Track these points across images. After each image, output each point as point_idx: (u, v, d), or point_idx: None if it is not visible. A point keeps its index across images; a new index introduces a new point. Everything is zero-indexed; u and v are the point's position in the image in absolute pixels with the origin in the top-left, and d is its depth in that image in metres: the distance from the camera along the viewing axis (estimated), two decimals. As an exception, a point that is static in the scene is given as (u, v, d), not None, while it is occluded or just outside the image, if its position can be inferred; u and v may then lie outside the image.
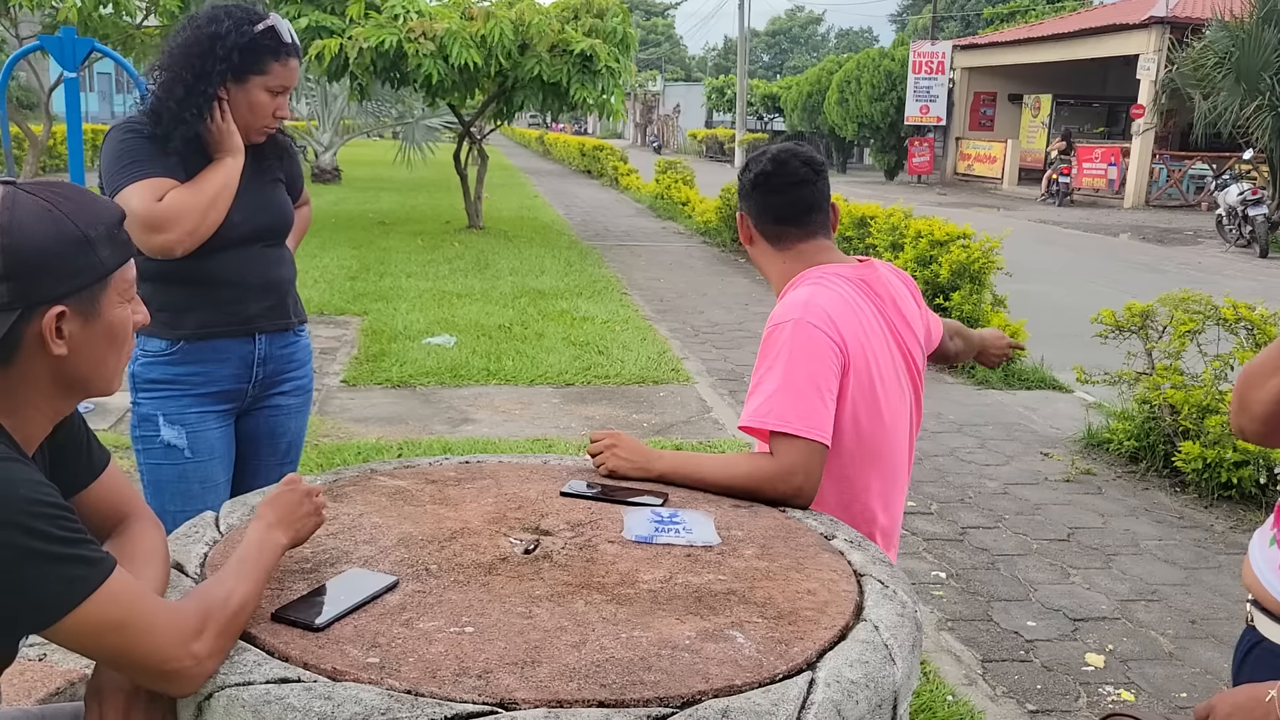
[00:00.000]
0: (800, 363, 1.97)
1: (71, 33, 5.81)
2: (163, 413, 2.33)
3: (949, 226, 7.47)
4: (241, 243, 2.32)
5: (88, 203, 1.33)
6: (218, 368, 2.36)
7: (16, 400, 1.31)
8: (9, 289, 1.24)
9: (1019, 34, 28.62)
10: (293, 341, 2.51)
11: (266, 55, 2.23)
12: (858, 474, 2.11)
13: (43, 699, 2.08)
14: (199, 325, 2.32)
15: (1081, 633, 3.46)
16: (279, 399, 2.51)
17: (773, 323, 2.05)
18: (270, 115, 2.30)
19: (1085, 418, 5.81)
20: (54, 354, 1.29)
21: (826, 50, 77.43)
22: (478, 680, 1.29)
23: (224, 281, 2.32)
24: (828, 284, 2.10)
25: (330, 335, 7.53)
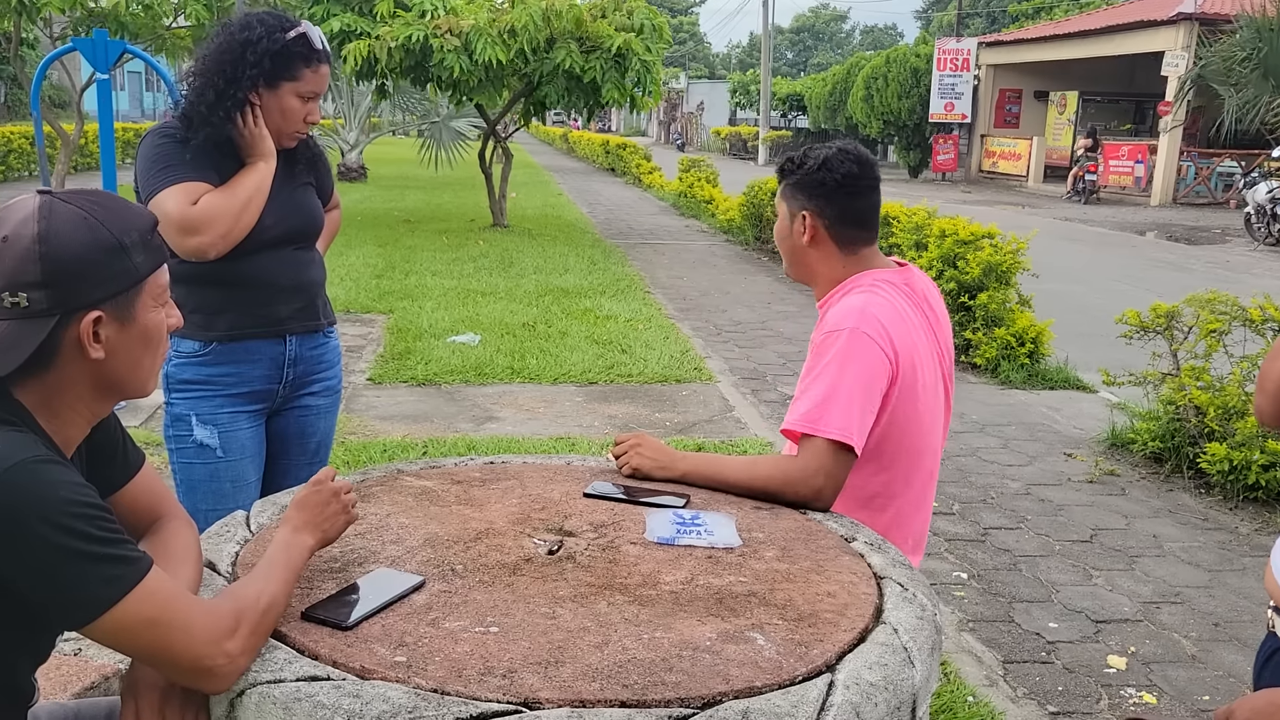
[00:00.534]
0: (849, 371, 2.00)
1: (103, 35, 5.89)
2: (195, 413, 2.37)
3: (974, 226, 7.44)
4: (273, 245, 2.36)
5: (122, 210, 1.37)
6: (249, 368, 2.40)
7: (56, 403, 1.35)
8: (47, 295, 1.28)
9: (1045, 31, 28.41)
10: (322, 343, 2.55)
11: (298, 61, 2.28)
12: (897, 478, 2.15)
13: (78, 693, 2.12)
14: (231, 327, 2.36)
15: (1104, 634, 3.45)
16: (308, 399, 2.55)
17: (827, 329, 2.06)
18: (301, 120, 2.34)
19: (1109, 418, 5.78)
20: (92, 358, 1.33)
21: (851, 47, 77.15)
22: (502, 680, 1.31)
23: (255, 284, 2.36)
24: (881, 292, 2.12)
25: (356, 333, 7.59)
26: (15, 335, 1.28)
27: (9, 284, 1.27)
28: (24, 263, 1.27)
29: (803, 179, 2.18)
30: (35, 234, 1.27)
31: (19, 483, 1.21)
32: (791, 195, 2.20)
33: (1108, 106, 27.62)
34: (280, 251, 2.39)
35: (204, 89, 2.24)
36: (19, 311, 1.28)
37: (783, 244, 2.26)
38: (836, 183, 2.15)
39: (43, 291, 1.28)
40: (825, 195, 2.16)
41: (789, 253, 2.26)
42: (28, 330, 1.28)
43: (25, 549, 1.20)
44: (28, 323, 1.28)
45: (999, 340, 6.91)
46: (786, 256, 2.28)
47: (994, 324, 7.04)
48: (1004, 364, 6.89)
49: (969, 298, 7.11)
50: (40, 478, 1.22)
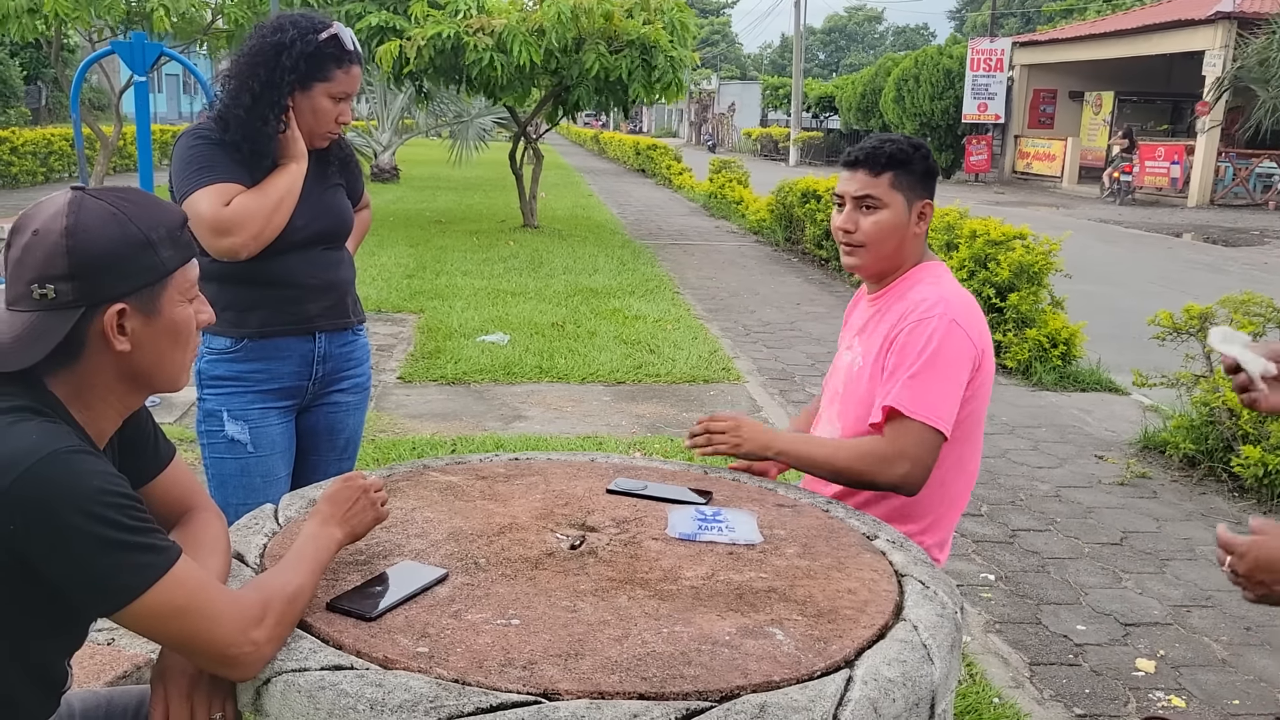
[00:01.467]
0: (942, 359, 2.04)
1: (141, 38, 5.97)
2: (227, 408, 2.41)
3: (1005, 226, 7.39)
4: (303, 245, 2.39)
5: (151, 206, 1.40)
6: (279, 365, 2.44)
7: (87, 395, 1.38)
8: (73, 288, 1.31)
9: (1080, 30, 28.13)
10: (351, 340, 2.58)
11: (330, 63, 2.30)
12: (961, 466, 2.19)
13: (111, 681, 2.16)
14: (262, 324, 2.39)
15: (1132, 638, 3.42)
16: (337, 396, 2.58)
17: (918, 317, 2.08)
18: (333, 121, 2.37)
19: (1142, 420, 5.73)
20: (117, 350, 1.36)
21: (883, 48, 76.73)
22: (522, 671, 1.33)
23: (286, 282, 2.39)
24: (955, 283, 2.19)
25: (387, 332, 7.65)
26: (43, 326, 1.32)
27: (38, 276, 1.31)
28: (52, 255, 1.31)
29: (924, 169, 2.18)
30: (64, 228, 1.31)
31: (52, 472, 1.24)
32: (910, 185, 2.16)
33: (1144, 106, 27.30)
34: (310, 251, 2.42)
35: (239, 92, 2.28)
36: (47, 303, 1.31)
37: (888, 236, 2.16)
38: (938, 172, 2.23)
39: (69, 283, 1.31)
40: (933, 184, 2.21)
41: (896, 245, 2.17)
42: (54, 321, 1.32)
43: (58, 537, 1.23)
44: (54, 314, 1.32)
45: (1031, 341, 6.86)
46: (885, 248, 2.18)
47: (1026, 325, 6.98)
48: (1036, 365, 6.84)
49: (1000, 299, 7.06)
50: (73, 467, 1.26)
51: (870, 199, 2.16)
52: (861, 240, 2.18)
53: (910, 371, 2.04)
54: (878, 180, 2.16)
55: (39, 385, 1.35)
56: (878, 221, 2.17)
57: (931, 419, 2.01)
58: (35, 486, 1.23)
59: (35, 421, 1.30)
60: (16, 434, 1.27)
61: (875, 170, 2.16)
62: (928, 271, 2.21)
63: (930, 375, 2.03)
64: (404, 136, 23.08)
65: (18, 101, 32.07)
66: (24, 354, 1.31)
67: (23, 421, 1.29)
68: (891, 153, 2.15)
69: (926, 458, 2.03)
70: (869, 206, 2.17)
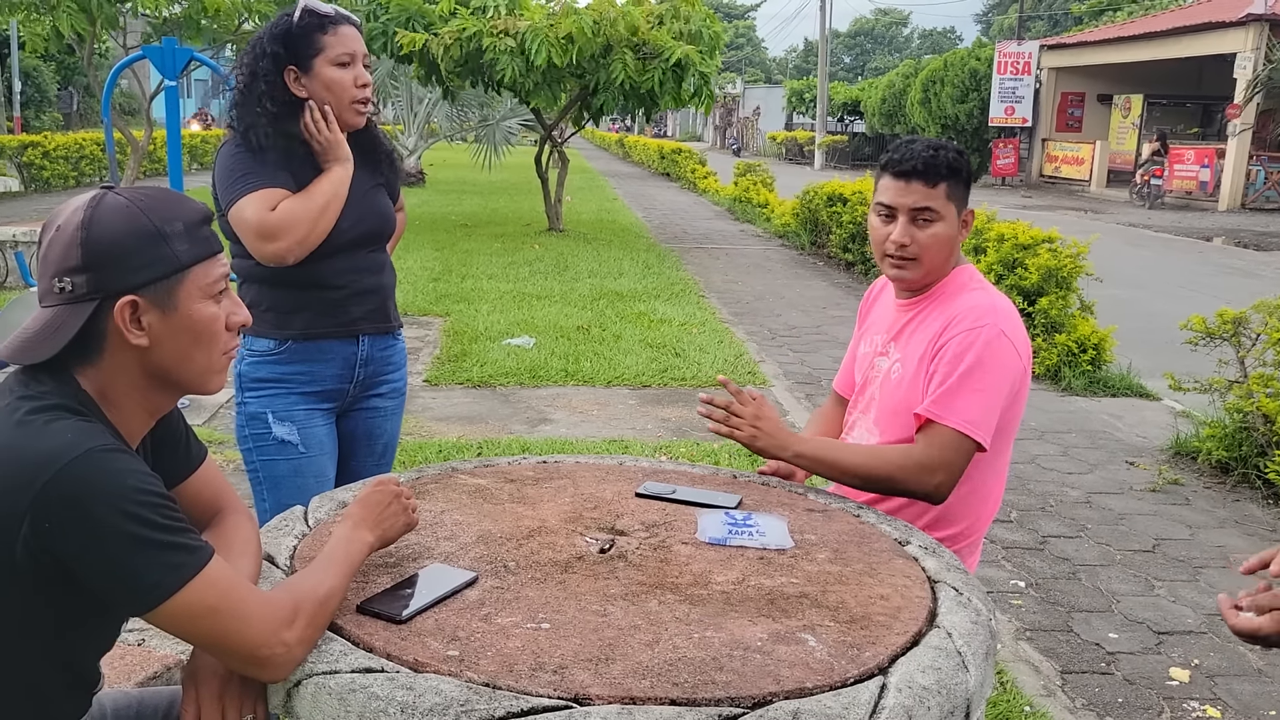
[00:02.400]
0: (989, 369, 2.02)
1: (172, 43, 6.03)
2: (271, 410, 2.41)
3: (1034, 230, 7.33)
4: (348, 248, 2.38)
5: (170, 200, 1.40)
6: (323, 367, 2.43)
7: (111, 392, 1.39)
8: (87, 280, 1.33)
9: (1109, 33, 27.90)
10: (392, 344, 2.58)
11: (314, 33, 2.29)
12: (993, 472, 2.18)
13: (142, 682, 2.17)
14: (306, 326, 2.39)
15: (1166, 646, 3.38)
16: (375, 400, 2.58)
17: (968, 325, 2.04)
18: (354, 87, 2.33)
19: (1174, 426, 5.66)
20: (133, 344, 1.36)
21: (909, 51, 76.43)
22: (553, 675, 1.32)
23: (331, 285, 2.39)
24: (993, 288, 2.17)
25: (414, 335, 7.68)
26: (60, 319, 1.33)
27: (57, 270, 1.34)
28: (69, 248, 1.33)
29: (969, 175, 2.14)
30: (80, 221, 1.33)
31: (87, 470, 1.24)
32: (960, 194, 2.11)
33: (1173, 109, 27.05)
34: (354, 254, 2.41)
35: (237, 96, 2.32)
36: (65, 296, 1.33)
37: (943, 248, 2.10)
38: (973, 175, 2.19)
39: (83, 276, 1.33)
40: (966, 190, 2.15)
41: (949, 254, 2.13)
42: (72, 314, 1.33)
43: (92, 535, 1.24)
44: (71, 307, 1.33)
45: (1060, 346, 6.80)
46: (940, 257, 2.12)
47: (1054, 330, 6.92)
48: (1065, 370, 6.77)
49: (1028, 303, 7.00)
50: (107, 466, 1.26)
51: (929, 211, 2.08)
52: (916, 254, 2.10)
53: (955, 380, 2.02)
54: (934, 191, 2.07)
55: (73, 383, 1.35)
56: (935, 234, 2.09)
57: (970, 430, 1.99)
58: (70, 485, 1.23)
59: (71, 420, 1.30)
60: (52, 432, 1.27)
61: (933, 181, 2.07)
62: (967, 275, 2.17)
63: (974, 386, 2.01)
64: (430, 141, 23.19)
65: (50, 106, 32.49)
66: (43, 347, 1.33)
67: (59, 420, 1.29)
68: (948, 162, 2.07)
69: (959, 468, 2.02)
70: (926, 220, 2.08)
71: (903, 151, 2.11)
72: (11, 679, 1.34)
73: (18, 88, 30.57)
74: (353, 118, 2.37)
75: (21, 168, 17.51)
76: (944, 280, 2.17)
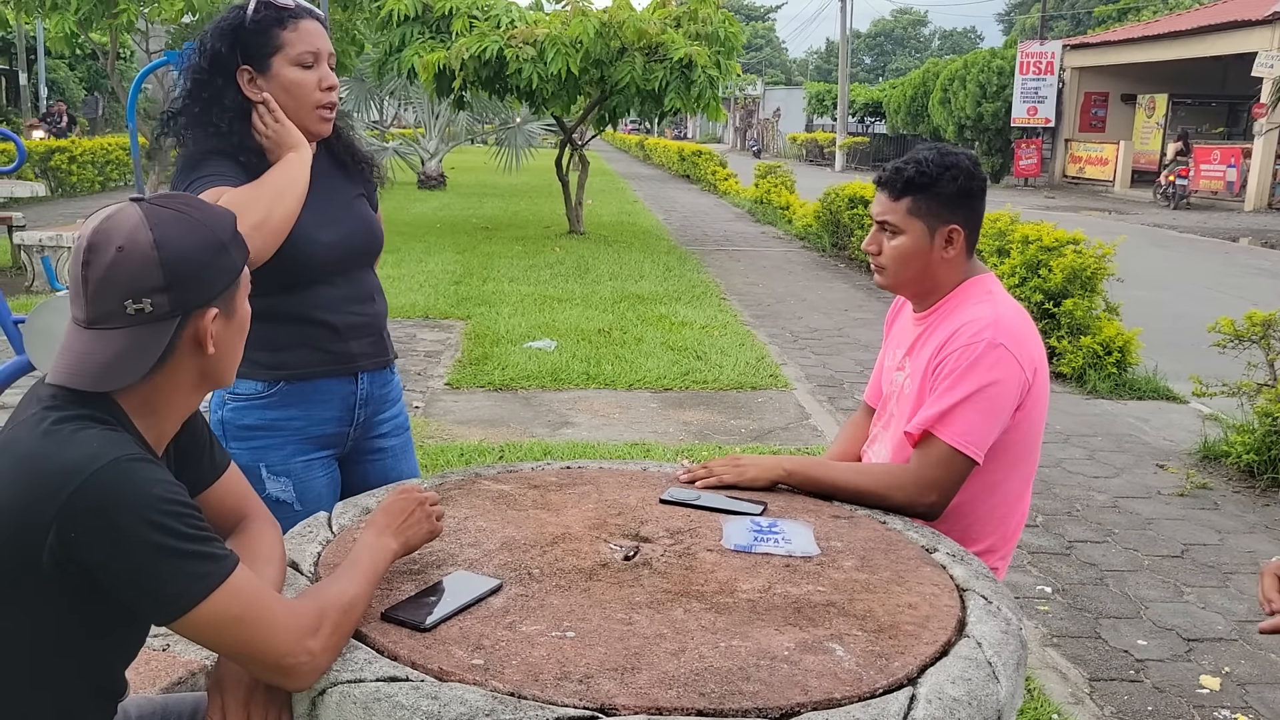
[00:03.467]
0: (983, 383, 1.98)
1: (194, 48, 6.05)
2: (265, 463, 2.13)
3: (1059, 232, 7.27)
4: (339, 268, 2.16)
5: (211, 210, 1.43)
6: (319, 410, 2.18)
7: (156, 401, 1.39)
8: (169, 298, 1.33)
9: (1132, 32, 27.69)
10: (390, 379, 2.34)
11: (271, 28, 2.03)
12: (1016, 484, 2.14)
13: (166, 688, 2.18)
14: (302, 365, 2.14)
15: (1196, 653, 3.33)
16: (379, 442, 2.33)
17: (965, 340, 2.01)
18: (316, 90, 2.06)
19: (1201, 430, 5.59)
20: (207, 354, 1.39)
21: (930, 52, 76.13)
22: (579, 685, 1.31)
23: (324, 317, 2.14)
24: (1003, 296, 2.12)
25: (435, 339, 7.69)
26: (141, 340, 1.33)
27: (130, 291, 1.31)
28: (145, 268, 1.31)
29: (953, 190, 2.06)
30: (151, 240, 1.31)
31: (112, 480, 1.24)
32: (933, 210, 2.06)
33: (1198, 109, 26.80)
34: (348, 277, 2.18)
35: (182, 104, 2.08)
36: (143, 317, 1.32)
37: (909, 263, 2.09)
38: (980, 189, 2.11)
39: (165, 295, 1.32)
40: (971, 204, 2.10)
41: (920, 269, 2.10)
42: (152, 334, 1.33)
43: (117, 545, 1.24)
44: (150, 327, 1.33)
45: (1085, 349, 6.74)
46: (907, 272, 2.11)
47: (1079, 332, 6.86)
48: (1090, 373, 6.71)
49: (1053, 305, 6.94)
50: (133, 475, 1.26)
51: (889, 224, 2.10)
52: (883, 263, 2.14)
53: (948, 395, 1.99)
54: (896, 205, 2.08)
55: (101, 394, 1.35)
56: (896, 247, 2.10)
57: (963, 445, 1.96)
58: (95, 494, 1.23)
59: (96, 429, 1.30)
60: (78, 441, 1.27)
61: (894, 194, 2.08)
62: (976, 287, 2.13)
63: (968, 401, 1.97)
64: (450, 144, 23.26)
65: (76, 112, 32.81)
66: (126, 372, 1.32)
67: (85, 429, 1.29)
68: (910, 177, 2.05)
69: (954, 485, 1.98)
70: (890, 231, 2.11)
71: (891, 162, 2.14)
72: (38, 688, 1.34)
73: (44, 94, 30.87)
74: (317, 124, 2.10)
75: (48, 173, 17.67)
76: (953, 293, 2.14)
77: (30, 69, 29.09)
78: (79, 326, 1.34)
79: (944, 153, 2.10)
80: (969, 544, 2.08)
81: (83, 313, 1.33)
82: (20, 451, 1.29)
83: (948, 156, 2.08)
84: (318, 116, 2.09)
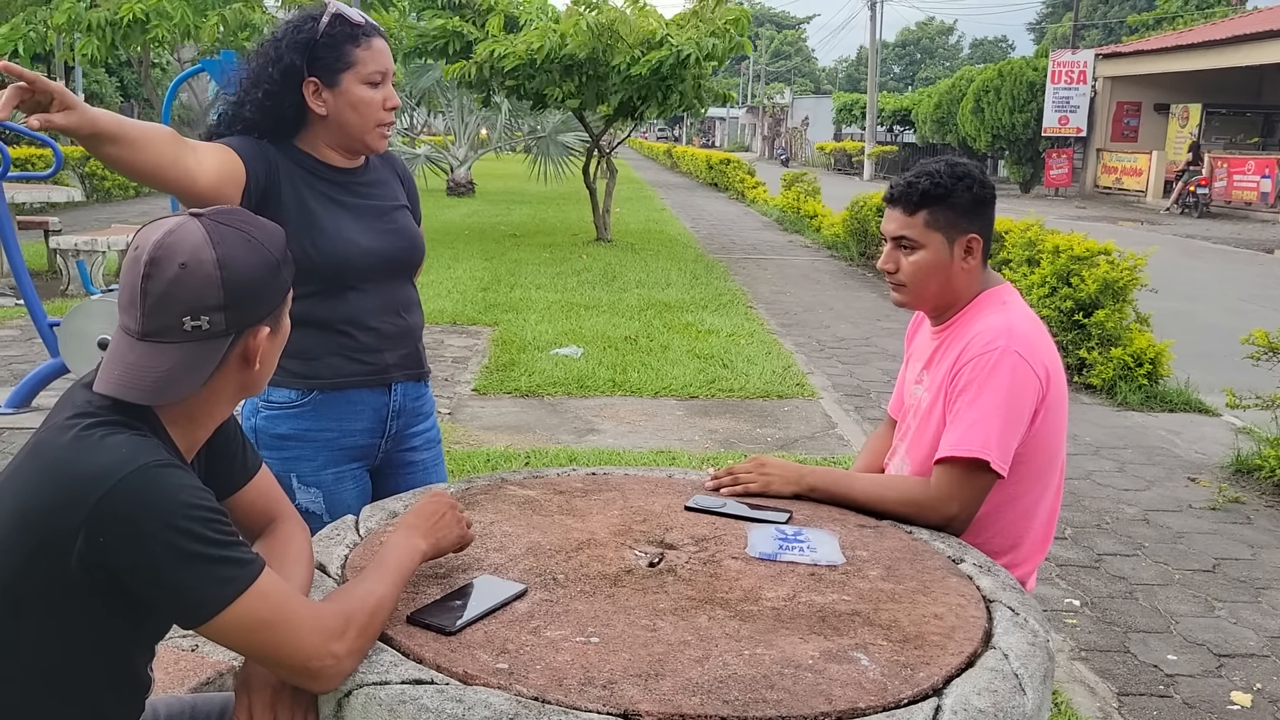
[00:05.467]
0: (999, 393, 1.97)
1: (230, 56, 6.13)
2: (296, 473, 2.13)
3: (1090, 242, 7.21)
4: (377, 277, 2.16)
5: (266, 227, 1.44)
6: (351, 421, 2.17)
7: (197, 411, 1.41)
8: (225, 317, 1.35)
9: (1166, 41, 27.45)
10: (423, 392, 2.33)
11: (344, 44, 2.03)
12: (1040, 495, 2.12)
13: (194, 687, 2.19)
14: (335, 374, 2.13)
15: (1227, 669, 3.29)
16: (410, 455, 2.32)
17: (977, 351, 2.01)
18: (381, 109, 2.08)
19: (1234, 443, 5.53)
20: (254, 370, 1.42)
21: (960, 60, 75.77)
22: (602, 690, 1.31)
23: (361, 326, 2.15)
24: (1019, 305, 2.11)
25: (462, 345, 7.73)
26: (195, 356, 1.35)
27: (190, 308, 1.33)
28: (207, 287, 1.33)
29: (969, 199, 2.05)
30: (216, 260, 1.33)
31: (140, 486, 1.26)
32: (951, 221, 2.06)
33: (1233, 119, 26.52)
34: (386, 286, 2.18)
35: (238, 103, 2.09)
36: (199, 334, 1.34)
37: (930, 276, 2.08)
38: (992, 198, 2.11)
39: (223, 313, 1.34)
40: (985, 213, 2.10)
41: (941, 283, 2.09)
42: (206, 351, 1.35)
43: (144, 551, 1.25)
44: (205, 344, 1.35)
45: (1116, 360, 6.68)
46: (929, 287, 2.10)
47: (1110, 343, 6.80)
48: (1121, 385, 6.65)
49: (1084, 315, 6.89)
50: (160, 481, 1.27)
51: (906, 239, 2.08)
52: (903, 280, 2.11)
53: (966, 408, 1.98)
54: (912, 220, 2.07)
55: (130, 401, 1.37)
56: (916, 262, 2.08)
57: (984, 455, 1.94)
58: (123, 500, 1.25)
59: (125, 434, 1.32)
60: (107, 447, 1.29)
61: (909, 209, 2.07)
62: (992, 298, 2.12)
63: (986, 411, 1.96)
64: (479, 151, 23.38)
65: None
66: (180, 387, 1.34)
67: (114, 434, 1.31)
68: (925, 189, 2.04)
69: (976, 500, 1.97)
70: (907, 247, 2.09)
71: (896, 179, 2.13)
72: (68, 686, 1.36)
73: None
74: (376, 141, 2.12)
75: (84, 178, 17.92)
76: (969, 305, 2.13)
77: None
78: (131, 338, 1.35)
79: (952, 163, 2.10)
80: (991, 557, 2.07)
81: (137, 325, 1.34)
82: (50, 456, 1.31)
83: (957, 167, 2.08)
84: (379, 134, 2.11)
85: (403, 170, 2.35)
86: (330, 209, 2.12)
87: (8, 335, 7.74)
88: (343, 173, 2.16)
